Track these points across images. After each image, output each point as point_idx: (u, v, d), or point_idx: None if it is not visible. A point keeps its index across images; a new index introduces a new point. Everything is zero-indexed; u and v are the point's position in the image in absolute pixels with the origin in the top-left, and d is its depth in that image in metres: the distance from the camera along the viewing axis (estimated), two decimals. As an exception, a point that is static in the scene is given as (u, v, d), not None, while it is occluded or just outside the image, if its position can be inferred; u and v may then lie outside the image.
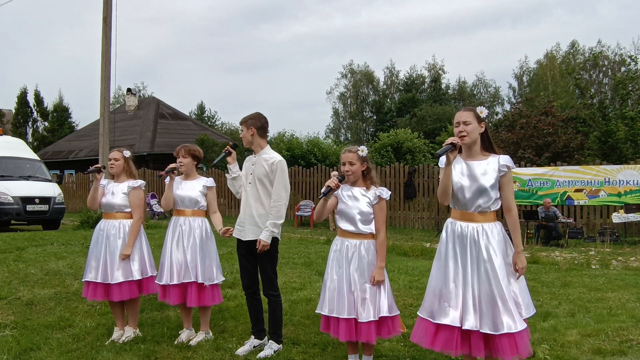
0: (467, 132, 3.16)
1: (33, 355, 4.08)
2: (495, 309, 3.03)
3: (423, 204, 16.23)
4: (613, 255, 10.28)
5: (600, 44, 37.97)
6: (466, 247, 3.16)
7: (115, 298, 4.36)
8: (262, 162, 4.14)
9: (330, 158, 22.06)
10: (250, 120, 4.20)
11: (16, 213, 13.54)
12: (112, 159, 4.56)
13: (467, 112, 3.22)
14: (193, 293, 4.35)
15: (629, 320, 5.00)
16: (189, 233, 4.42)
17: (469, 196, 3.18)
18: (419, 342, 3.28)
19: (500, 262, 3.11)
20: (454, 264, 3.18)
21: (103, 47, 14.71)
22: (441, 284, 3.21)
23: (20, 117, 36.71)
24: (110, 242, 4.41)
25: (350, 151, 3.71)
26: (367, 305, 3.53)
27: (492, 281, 3.07)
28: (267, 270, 4.14)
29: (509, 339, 3.01)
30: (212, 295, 4.44)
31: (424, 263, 8.39)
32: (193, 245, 4.39)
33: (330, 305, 3.61)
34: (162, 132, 27.62)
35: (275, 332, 4.16)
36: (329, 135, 46.70)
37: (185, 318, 4.59)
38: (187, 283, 4.35)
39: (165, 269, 4.38)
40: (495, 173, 3.16)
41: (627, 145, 16.57)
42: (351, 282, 3.58)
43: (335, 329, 3.58)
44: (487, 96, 47.52)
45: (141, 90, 48.09)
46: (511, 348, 3.01)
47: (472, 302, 3.08)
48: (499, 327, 3.01)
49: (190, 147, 4.55)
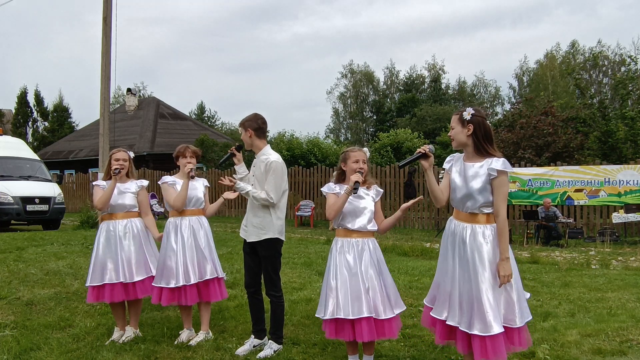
0: (452, 136, 3.29)
1: (33, 355, 4.08)
2: (471, 309, 3.09)
3: (423, 204, 16.24)
4: (613, 255, 10.28)
5: (600, 44, 38.02)
6: (455, 245, 3.25)
7: (140, 295, 4.45)
8: (260, 163, 4.16)
9: (330, 158, 22.04)
10: (247, 122, 4.20)
11: (16, 213, 13.54)
12: (121, 160, 4.54)
13: (454, 116, 3.30)
14: (213, 288, 4.48)
15: (629, 320, 5.00)
16: (194, 233, 4.48)
17: (459, 197, 3.25)
18: (427, 326, 3.52)
19: (484, 265, 3.10)
20: (448, 261, 3.30)
21: (103, 47, 14.71)
22: (440, 279, 3.37)
23: (20, 117, 36.72)
24: (124, 242, 4.44)
25: (360, 150, 3.81)
26: (386, 301, 3.59)
27: (472, 282, 3.11)
28: (268, 271, 4.16)
29: (480, 340, 3.03)
30: (219, 291, 4.54)
31: (424, 263, 8.39)
32: (198, 244, 4.46)
33: (345, 309, 3.51)
34: (162, 132, 27.63)
35: (275, 333, 4.17)
36: (329, 135, 46.74)
37: (185, 318, 4.59)
38: (206, 280, 4.43)
39: (180, 271, 4.34)
40: (484, 177, 3.15)
41: (627, 145, 16.57)
42: (365, 280, 3.57)
43: (357, 330, 3.50)
44: (487, 96, 47.55)
45: (141, 90, 48.11)
46: (482, 350, 3.02)
47: (458, 300, 3.17)
48: (471, 327, 3.07)
49: (194, 149, 4.63)
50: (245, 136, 4.20)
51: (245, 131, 4.19)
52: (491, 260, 3.12)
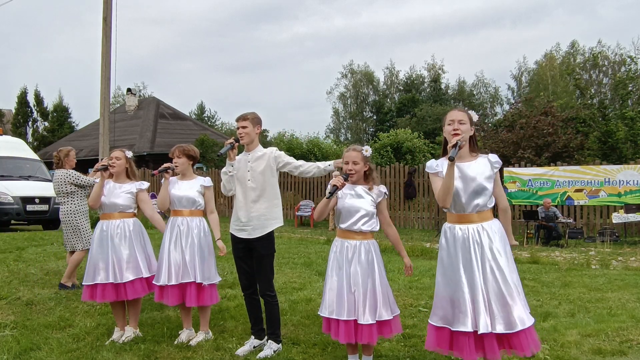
0: (462, 131, 3.14)
1: (33, 355, 4.08)
2: (506, 307, 3.01)
3: (423, 204, 16.22)
4: (613, 255, 10.28)
5: (600, 44, 37.99)
6: (470, 249, 3.12)
7: (129, 296, 4.39)
8: (261, 158, 4.14)
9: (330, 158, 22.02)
10: (255, 118, 4.19)
11: (16, 213, 13.54)
12: (114, 158, 4.52)
13: (461, 112, 3.23)
14: (192, 293, 4.34)
15: (629, 320, 5.00)
16: (187, 233, 4.40)
17: (465, 198, 3.16)
18: (434, 349, 3.25)
19: (505, 259, 3.10)
20: (458, 269, 3.13)
21: (103, 47, 14.71)
22: (451, 292, 3.15)
23: (20, 117, 36.67)
24: (115, 242, 4.42)
25: (355, 150, 3.67)
26: (367, 306, 3.48)
27: (499, 280, 3.05)
28: (266, 271, 4.12)
29: (523, 334, 3.01)
30: (210, 295, 4.42)
31: (424, 263, 8.39)
32: (191, 245, 4.37)
33: (330, 307, 3.56)
34: (162, 132, 27.61)
35: (273, 333, 4.14)
36: (329, 135, 46.72)
37: (185, 318, 4.59)
38: (186, 283, 4.34)
39: (163, 270, 4.35)
40: (490, 170, 3.18)
41: (627, 146, 16.58)
42: (351, 283, 3.53)
43: (336, 330, 3.54)
44: (487, 96, 47.54)
45: (141, 90, 48.06)
46: (526, 343, 3.01)
47: (483, 305, 3.04)
48: (512, 325, 2.99)
49: (184, 147, 4.53)
50: (253, 131, 4.16)
51: (254, 126, 4.16)
52: (507, 253, 3.14)
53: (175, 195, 4.46)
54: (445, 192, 3.11)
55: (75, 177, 6.38)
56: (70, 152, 6.67)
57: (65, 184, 6.37)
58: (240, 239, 4.18)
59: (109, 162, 4.53)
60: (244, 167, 4.18)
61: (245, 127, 4.14)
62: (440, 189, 3.15)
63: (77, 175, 6.41)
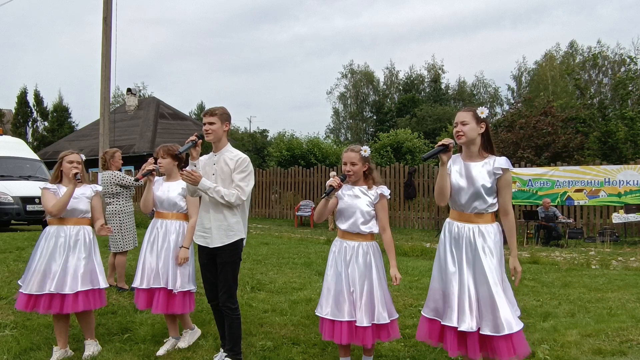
0: (464, 132, 3.14)
1: (33, 355, 4.08)
2: (494, 310, 3.01)
3: (423, 204, 16.23)
4: (613, 255, 10.28)
5: (600, 44, 37.99)
6: (462, 247, 3.15)
7: (81, 308, 4.01)
8: (227, 160, 3.80)
9: (330, 158, 22.07)
10: (224, 114, 3.82)
11: (16, 213, 13.52)
12: (75, 162, 4.16)
13: (465, 112, 3.21)
14: (160, 299, 4.13)
15: (629, 321, 5.00)
16: (164, 237, 4.23)
17: (465, 198, 3.17)
18: (424, 340, 3.29)
19: (496, 263, 3.09)
20: (451, 265, 3.18)
21: (103, 47, 14.69)
22: (444, 286, 3.21)
23: (20, 117, 36.66)
24: (74, 249, 4.09)
25: (352, 150, 3.62)
26: (364, 308, 3.45)
27: (489, 282, 3.05)
28: (228, 280, 3.76)
29: (508, 339, 2.99)
30: (182, 303, 4.17)
31: (424, 263, 8.39)
32: (166, 249, 4.20)
33: (326, 308, 3.53)
34: (162, 132, 27.59)
35: (232, 349, 3.80)
36: (329, 135, 46.71)
37: (170, 325, 4.36)
38: (155, 289, 4.16)
39: (138, 272, 4.23)
40: (491, 177, 3.15)
41: (627, 146, 16.58)
42: (350, 284, 3.51)
43: (330, 331, 3.49)
44: (487, 96, 47.53)
45: (141, 90, 48.03)
46: (510, 349, 2.99)
47: (469, 304, 3.06)
48: (499, 328, 2.99)
49: (169, 147, 4.34)
50: (221, 128, 3.79)
51: (222, 123, 3.80)
52: (500, 258, 3.12)
53: (157, 197, 4.31)
54: (438, 192, 3.22)
55: (120, 178, 6.35)
56: (116, 153, 6.62)
57: (112, 185, 6.33)
58: (202, 246, 3.86)
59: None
60: (209, 168, 3.85)
61: (212, 124, 3.77)
62: (435, 188, 3.24)
63: (123, 177, 6.39)
